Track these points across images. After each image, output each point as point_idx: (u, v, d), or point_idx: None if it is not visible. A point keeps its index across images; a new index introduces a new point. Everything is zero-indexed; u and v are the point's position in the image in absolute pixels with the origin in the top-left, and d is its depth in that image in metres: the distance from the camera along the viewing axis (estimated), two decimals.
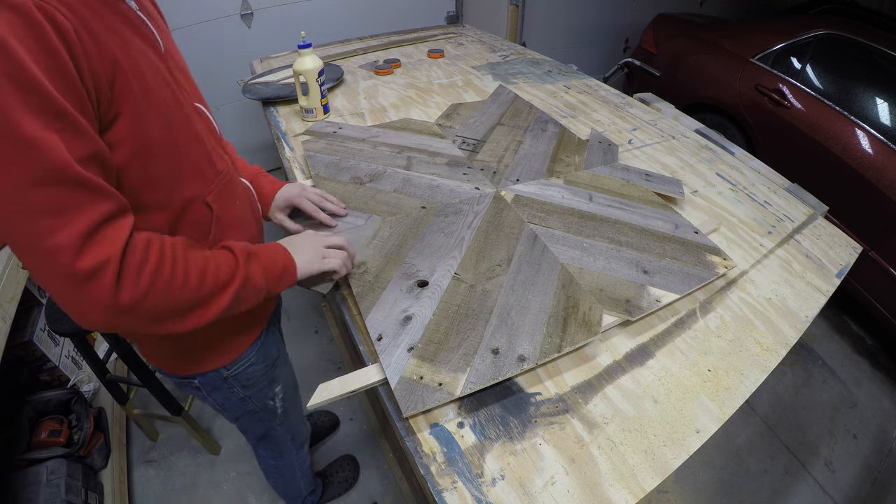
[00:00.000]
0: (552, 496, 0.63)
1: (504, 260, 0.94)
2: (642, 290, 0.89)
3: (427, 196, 1.12)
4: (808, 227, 1.20)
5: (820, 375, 2.10)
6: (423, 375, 0.73)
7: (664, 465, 0.67)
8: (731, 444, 1.77)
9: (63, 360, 1.62)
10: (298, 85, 1.44)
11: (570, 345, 0.78)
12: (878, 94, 2.17)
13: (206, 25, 2.56)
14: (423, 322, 0.80)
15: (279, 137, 1.44)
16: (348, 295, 0.91)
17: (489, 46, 2.27)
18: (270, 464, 1.24)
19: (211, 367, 0.85)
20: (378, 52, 2.16)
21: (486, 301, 0.85)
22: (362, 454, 1.68)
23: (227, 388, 0.90)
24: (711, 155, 1.44)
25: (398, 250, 0.95)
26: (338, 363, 2.00)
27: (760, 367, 0.82)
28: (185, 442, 1.72)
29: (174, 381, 0.89)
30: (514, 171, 1.24)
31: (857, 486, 1.70)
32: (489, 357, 0.75)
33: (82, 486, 1.33)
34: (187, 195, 0.67)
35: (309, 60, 1.40)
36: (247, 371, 0.90)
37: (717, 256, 1.00)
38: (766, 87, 2.50)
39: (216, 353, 0.83)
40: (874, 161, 2.05)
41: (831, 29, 2.44)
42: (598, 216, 1.08)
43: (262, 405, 0.99)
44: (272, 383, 0.98)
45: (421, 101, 1.66)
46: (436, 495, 0.62)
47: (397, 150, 1.30)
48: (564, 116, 1.59)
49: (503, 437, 0.69)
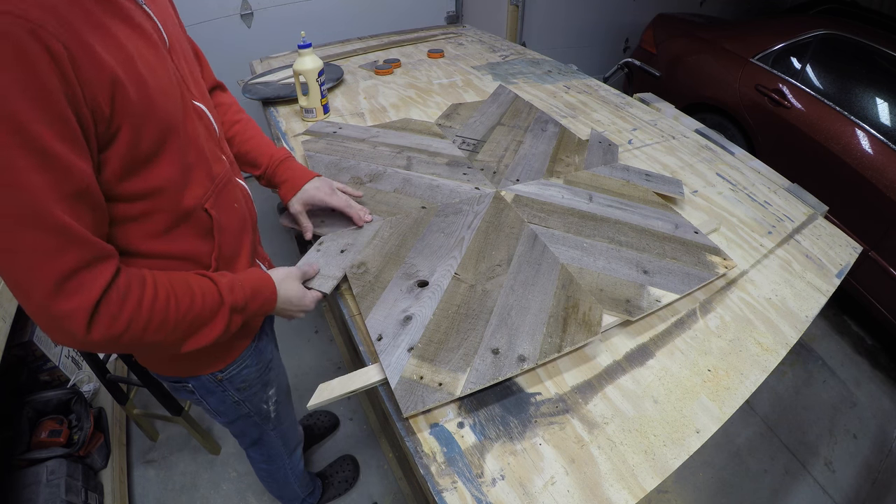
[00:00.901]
0: (552, 496, 0.63)
1: (504, 260, 0.94)
2: (642, 291, 0.89)
3: (427, 196, 1.12)
4: (808, 227, 1.20)
5: (820, 375, 2.10)
6: (423, 375, 0.72)
7: (664, 465, 0.67)
8: (731, 444, 1.77)
9: (63, 360, 1.62)
10: (298, 85, 1.44)
11: (570, 345, 0.78)
12: (878, 94, 2.17)
13: (206, 25, 2.56)
14: (423, 322, 0.80)
15: (279, 137, 1.44)
16: (348, 295, 0.91)
17: (489, 46, 2.27)
18: (262, 467, 1.23)
19: (205, 372, 0.84)
20: (378, 52, 2.16)
21: (486, 301, 0.85)
22: (362, 454, 1.68)
23: (222, 392, 0.89)
24: (711, 155, 1.44)
25: (398, 250, 0.95)
26: (338, 363, 2.00)
27: (760, 367, 0.82)
28: (185, 442, 1.72)
29: (167, 384, 0.89)
30: (514, 171, 1.24)
31: (857, 486, 1.70)
32: (489, 357, 0.75)
33: (82, 486, 1.33)
34: (186, 203, 0.67)
35: (309, 60, 1.40)
36: (241, 374, 0.89)
37: (717, 256, 1.00)
38: (766, 87, 2.50)
39: (211, 357, 0.83)
40: (874, 161, 2.05)
41: (831, 29, 2.44)
42: (598, 216, 1.08)
43: (256, 409, 0.99)
44: (266, 386, 0.98)
45: (421, 101, 1.66)
46: (436, 495, 0.62)
47: (397, 150, 1.30)
48: (564, 116, 1.59)
49: (503, 437, 0.69)
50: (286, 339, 2.08)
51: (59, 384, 1.59)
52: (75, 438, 1.43)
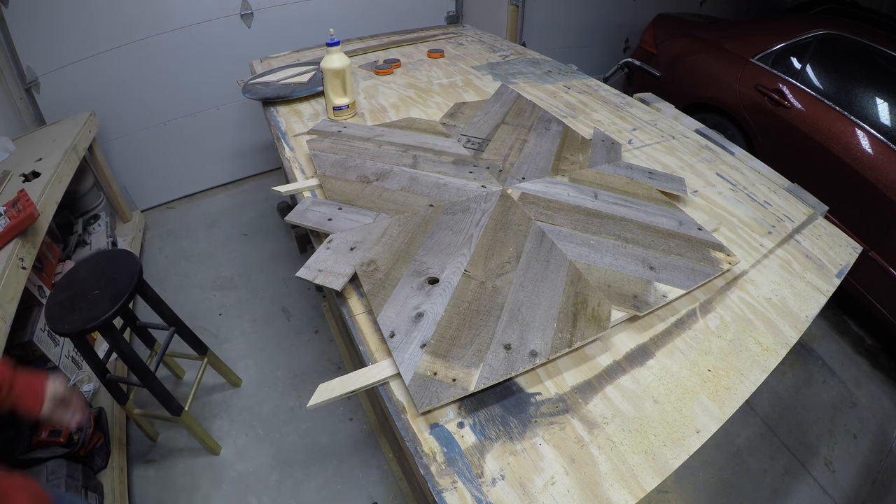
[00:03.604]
0: (552, 496, 0.63)
1: (513, 257, 0.95)
2: (649, 286, 0.90)
3: (434, 194, 1.13)
4: (808, 227, 1.20)
5: (820, 375, 2.10)
6: (436, 371, 0.73)
7: (664, 465, 0.67)
8: (731, 444, 1.77)
9: (63, 360, 1.62)
10: (330, 82, 1.44)
11: (580, 340, 0.78)
12: (878, 94, 2.17)
13: (206, 25, 2.56)
14: (434, 319, 0.81)
15: (279, 137, 1.44)
16: (348, 295, 0.91)
17: (489, 46, 2.27)
18: None
19: None
20: (378, 52, 2.16)
21: (496, 297, 0.85)
22: (362, 454, 1.68)
23: None
24: (711, 155, 1.44)
25: (407, 248, 0.96)
26: (338, 363, 2.00)
27: (760, 367, 0.82)
28: (185, 442, 1.72)
29: None
30: (520, 170, 1.25)
31: (857, 486, 1.70)
32: (501, 353, 0.76)
33: (82, 486, 1.33)
34: None
35: (341, 57, 1.42)
36: None
37: (720, 252, 1.00)
38: (766, 87, 2.49)
39: None
40: (874, 161, 2.05)
41: (831, 29, 2.43)
42: (603, 213, 1.09)
43: None
44: None
45: (421, 101, 1.66)
46: (436, 495, 0.62)
47: (403, 149, 1.31)
48: (565, 116, 1.59)
49: (503, 437, 0.69)
50: (286, 339, 2.09)
51: None
52: (75, 438, 1.43)
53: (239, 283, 2.40)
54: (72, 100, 2.38)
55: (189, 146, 2.87)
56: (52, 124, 2.24)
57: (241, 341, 2.09)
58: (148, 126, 2.69)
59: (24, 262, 1.40)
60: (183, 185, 3.01)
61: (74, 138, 2.05)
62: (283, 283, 2.38)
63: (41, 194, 1.65)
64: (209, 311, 2.24)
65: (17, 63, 2.19)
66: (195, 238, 2.72)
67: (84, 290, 1.30)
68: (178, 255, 2.61)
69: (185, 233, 2.77)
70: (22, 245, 1.41)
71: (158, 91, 2.61)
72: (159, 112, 2.69)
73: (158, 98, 2.64)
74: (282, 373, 1.96)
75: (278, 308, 2.25)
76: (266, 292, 2.34)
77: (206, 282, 2.41)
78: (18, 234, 1.41)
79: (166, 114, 2.71)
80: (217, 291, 2.36)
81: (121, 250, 1.44)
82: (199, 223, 2.84)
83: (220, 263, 2.53)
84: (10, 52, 2.16)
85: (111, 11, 2.30)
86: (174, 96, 2.67)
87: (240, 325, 2.17)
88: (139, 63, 2.48)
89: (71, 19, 2.24)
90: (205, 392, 1.88)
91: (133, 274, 1.35)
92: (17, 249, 1.38)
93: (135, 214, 2.75)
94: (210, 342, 2.04)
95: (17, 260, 1.37)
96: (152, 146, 2.75)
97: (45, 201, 1.65)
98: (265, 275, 2.44)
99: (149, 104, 2.63)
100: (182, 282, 2.42)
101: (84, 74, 2.38)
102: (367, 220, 1.03)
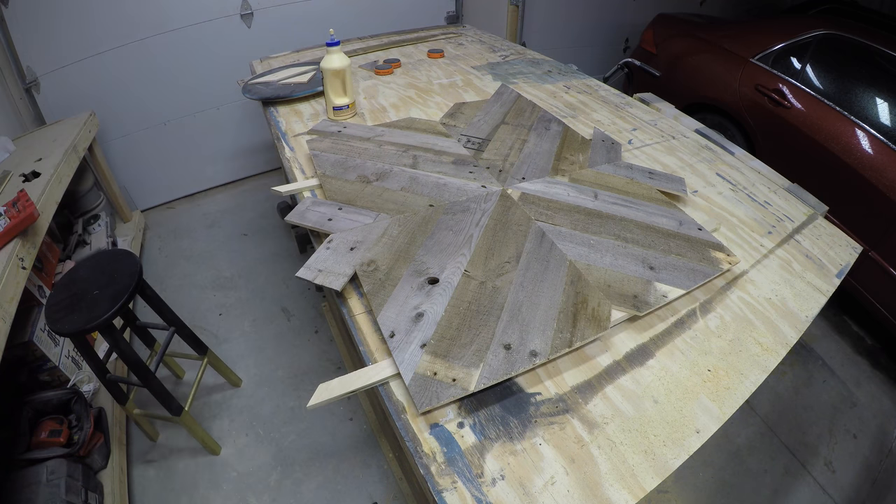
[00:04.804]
0: (552, 496, 0.63)
1: (513, 257, 0.95)
2: (649, 286, 0.90)
3: (434, 194, 1.13)
4: (808, 228, 1.20)
5: (820, 375, 2.09)
6: (436, 371, 0.73)
7: (664, 465, 0.67)
8: (731, 444, 1.77)
9: (63, 360, 1.62)
10: (330, 82, 1.44)
11: (580, 340, 0.78)
12: (877, 94, 2.17)
13: (207, 25, 2.56)
14: (434, 319, 0.81)
15: (279, 137, 1.44)
16: (348, 295, 0.91)
17: (489, 46, 2.27)
18: None
19: None
20: (378, 52, 2.16)
21: (496, 297, 0.85)
22: (362, 454, 1.68)
23: None
24: (711, 155, 1.44)
25: (407, 248, 0.96)
26: (338, 363, 2.00)
27: (760, 367, 0.82)
28: (185, 442, 1.72)
29: None
30: (520, 170, 1.25)
31: (857, 486, 1.70)
32: (501, 353, 0.76)
33: (82, 486, 1.33)
34: None
35: (341, 56, 1.42)
36: None
37: (720, 252, 1.00)
38: (766, 87, 2.49)
39: None
40: (874, 161, 2.05)
41: (831, 29, 2.43)
42: (603, 213, 1.09)
43: None
44: None
45: (421, 101, 1.66)
46: (436, 495, 0.62)
47: (403, 149, 1.31)
48: (565, 116, 1.59)
49: (503, 437, 0.69)
50: (286, 339, 2.09)
51: (59, 384, 1.59)
52: (75, 438, 1.43)
53: (239, 283, 2.40)
54: (72, 100, 2.38)
55: (189, 146, 2.87)
56: (52, 124, 2.24)
57: (240, 341, 2.09)
58: (148, 126, 2.70)
59: (24, 262, 1.40)
60: (183, 185, 3.02)
61: (74, 138, 2.05)
62: (283, 283, 2.38)
63: (41, 194, 1.65)
64: (209, 311, 2.24)
65: (17, 63, 2.19)
66: (195, 238, 2.73)
67: (84, 290, 1.30)
68: (177, 255, 2.61)
69: (185, 233, 2.77)
70: (22, 245, 1.41)
71: (158, 91, 2.61)
72: (159, 112, 2.69)
73: (158, 98, 2.64)
74: (282, 373, 1.96)
75: (278, 308, 2.25)
76: (266, 292, 2.34)
77: (205, 282, 2.41)
78: (18, 234, 1.41)
79: (166, 114, 2.71)
80: (217, 291, 2.36)
81: (121, 250, 1.44)
82: (199, 223, 2.84)
83: (220, 263, 2.53)
84: (10, 52, 2.16)
85: (111, 11, 2.30)
86: (174, 96, 2.67)
87: (240, 325, 2.17)
88: (139, 63, 2.48)
89: (71, 19, 2.24)
90: (205, 392, 1.88)
91: (133, 274, 1.35)
92: (17, 249, 1.38)
93: (135, 214, 2.75)
94: (210, 342, 2.04)
95: (17, 260, 1.37)
96: (152, 146, 2.75)
97: (45, 201, 1.65)
98: (265, 275, 2.44)
99: (149, 104, 2.63)
100: (182, 282, 2.42)
101: (84, 74, 2.38)
102: (367, 220, 1.03)
